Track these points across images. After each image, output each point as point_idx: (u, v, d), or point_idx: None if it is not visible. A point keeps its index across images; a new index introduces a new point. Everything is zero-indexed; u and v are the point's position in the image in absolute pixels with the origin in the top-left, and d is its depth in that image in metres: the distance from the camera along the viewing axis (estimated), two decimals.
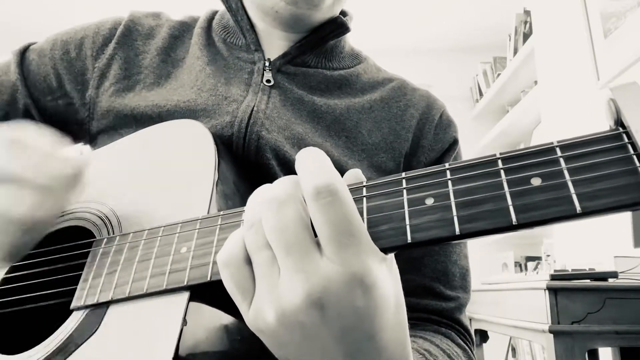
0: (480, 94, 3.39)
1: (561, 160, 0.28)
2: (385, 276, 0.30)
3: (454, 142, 0.64)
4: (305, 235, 0.29)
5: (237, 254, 0.31)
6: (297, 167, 0.30)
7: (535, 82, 2.57)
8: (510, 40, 2.97)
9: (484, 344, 1.93)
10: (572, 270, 1.33)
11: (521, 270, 2.89)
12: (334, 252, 0.28)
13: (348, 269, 0.28)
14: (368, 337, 0.29)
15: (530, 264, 2.73)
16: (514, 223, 0.28)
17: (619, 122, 0.29)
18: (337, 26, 0.62)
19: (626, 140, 0.28)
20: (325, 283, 0.28)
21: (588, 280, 1.27)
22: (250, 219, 0.31)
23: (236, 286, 0.31)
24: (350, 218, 0.28)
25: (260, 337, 0.32)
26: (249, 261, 0.31)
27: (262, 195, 0.31)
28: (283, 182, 0.31)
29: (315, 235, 0.29)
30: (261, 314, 0.30)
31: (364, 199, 0.32)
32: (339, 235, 0.28)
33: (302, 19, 0.60)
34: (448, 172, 0.31)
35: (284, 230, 0.29)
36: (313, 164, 0.30)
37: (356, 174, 0.34)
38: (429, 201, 0.30)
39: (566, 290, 1.23)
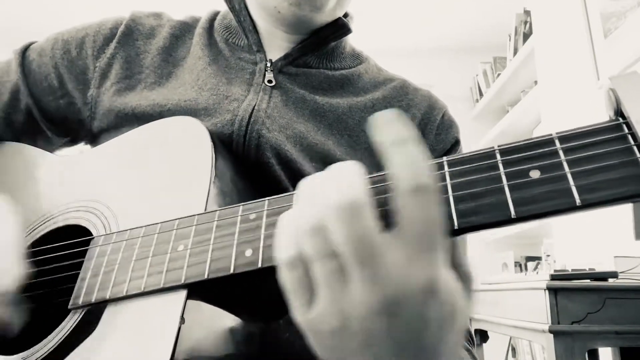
0: (480, 94, 3.39)
1: (560, 152, 0.28)
2: (458, 288, 0.29)
3: (456, 143, 0.64)
4: (380, 244, 0.28)
5: (307, 256, 0.29)
6: (394, 157, 0.28)
7: (535, 82, 2.57)
8: (510, 40, 2.97)
9: (484, 344, 1.93)
10: (572, 270, 1.33)
11: (521, 270, 2.88)
12: (416, 255, 0.27)
13: (426, 274, 0.27)
14: (426, 349, 0.29)
15: (530, 264, 2.72)
16: (512, 216, 0.27)
17: (619, 113, 0.28)
18: (339, 27, 0.63)
19: (626, 130, 0.27)
20: (401, 289, 0.27)
21: (588, 280, 1.27)
22: (316, 223, 0.29)
23: (300, 288, 0.30)
24: (439, 220, 0.27)
25: (309, 336, 0.31)
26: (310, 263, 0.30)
27: (329, 197, 0.28)
28: (353, 186, 0.28)
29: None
30: (325, 319, 0.29)
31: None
32: (426, 235, 0.27)
33: (304, 20, 0.60)
34: (446, 165, 0.31)
35: (362, 241, 0.27)
36: (416, 159, 0.28)
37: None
38: None
39: (566, 290, 1.23)
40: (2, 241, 0.43)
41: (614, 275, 1.29)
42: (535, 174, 0.28)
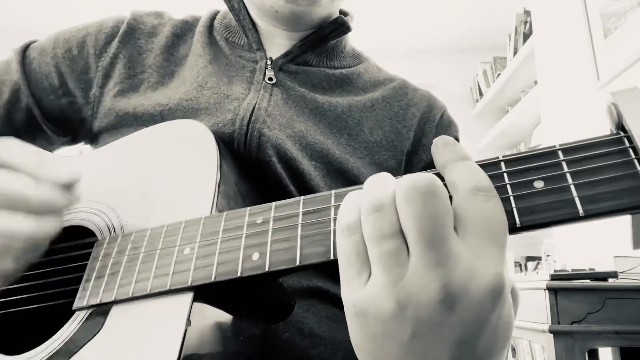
0: (480, 94, 3.39)
1: (563, 163, 0.29)
2: (512, 301, 0.29)
3: None
4: (451, 229, 0.27)
5: (368, 230, 0.28)
6: (454, 168, 0.29)
7: (535, 82, 2.57)
8: (510, 40, 2.97)
9: None
10: (572, 270, 1.33)
11: (521, 270, 2.89)
12: (482, 247, 0.26)
13: (494, 268, 0.26)
14: (478, 357, 0.27)
15: (530, 264, 2.72)
16: (517, 226, 0.28)
17: (620, 127, 0.29)
18: (338, 26, 0.63)
19: (627, 144, 0.28)
20: (466, 279, 0.26)
21: (588, 280, 1.27)
22: (378, 199, 0.28)
23: (357, 257, 0.28)
24: (504, 217, 0.27)
25: (351, 321, 0.29)
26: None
27: (400, 181, 0.28)
28: (424, 175, 0.28)
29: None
30: (377, 301, 0.27)
31: None
32: (491, 231, 0.27)
33: (302, 16, 0.60)
34: None
35: (433, 220, 0.26)
36: (476, 167, 0.28)
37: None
38: None
39: (566, 290, 1.23)
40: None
41: (614, 275, 1.29)
42: (539, 185, 0.29)
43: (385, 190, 0.28)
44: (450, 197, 0.28)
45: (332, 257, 0.32)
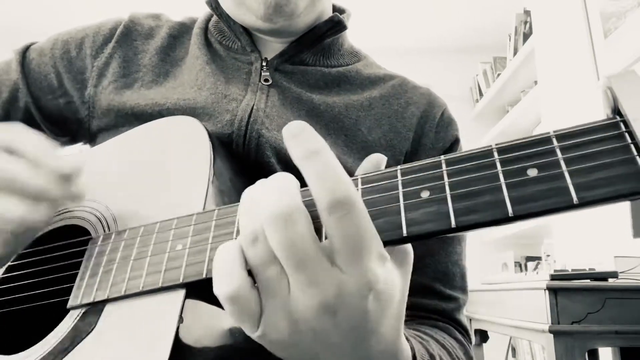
0: (480, 94, 3.39)
1: (557, 150, 0.28)
2: (395, 274, 0.31)
3: (456, 141, 0.64)
4: (316, 250, 0.28)
5: (243, 286, 0.29)
6: (307, 172, 0.28)
7: (535, 82, 2.57)
8: (510, 40, 2.97)
9: (484, 344, 1.93)
10: (572, 270, 1.33)
11: (521, 270, 2.88)
12: (348, 264, 0.28)
13: (360, 279, 0.28)
14: (373, 332, 0.30)
15: (530, 264, 2.72)
16: (510, 215, 0.27)
17: (616, 111, 0.28)
18: (334, 24, 0.62)
19: (623, 129, 0.27)
20: (338, 292, 0.28)
21: (588, 280, 1.27)
22: (253, 232, 0.29)
23: (247, 315, 0.30)
24: (364, 229, 0.28)
25: (267, 347, 0.32)
26: (253, 284, 0.30)
27: (264, 207, 0.29)
28: (285, 192, 0.29)
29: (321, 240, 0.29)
30: (273, 329, 0.30)
31: (359, 192, 0.32)
32: (352, 248, 0.28)
33: (282, 31, 0.60)
34: (443, 164, 0.30)
35: (293, 248, 0.28)
36: (327, 173, 0.27)
37: (378, 159, 0.34)
38: (425, 194, 0.30)
39: (566, 290, 1.23)
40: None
41: (614, 275, 1.29)
42: (532, 173, 0.28)
43: (256, 218, 0.29)
44: None
45: None
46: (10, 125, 0.43)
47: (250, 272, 0.30)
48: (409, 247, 0.32)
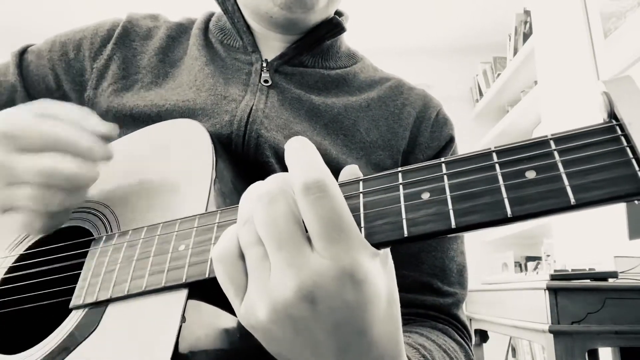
0: (480, 94, 3.40)
1: (555, 153, 0.29)
2: (378, 271, 0.30)
3: (451, 140, 0.65)
4: (296, 230, 0.29)
5: (231, 249, 0.31)
6: (286, 161, 0.30)
7: (535, 82, 2.57)
8: (510, 40, 2.97)
9: (484, 344, 1.93)
10: (572, 270, 1.33)
11: (521, 270, 2.89)
12: (324, 247, 0.28)
13: (338, 263, 0.28)
14: (359, 332, 0.30)
15: (530, 264, 2.73)
16: (509, 216, 0.28)
17: (612, 115, 0.29)
18: (333, 26, 0.63)
19: (619, 132, 0.28)
20: (316, 277, 0.28)
21: (588, 280, 1.27)
22: (244, 215, 0.31)
23: (230, 281, 0.31)
24: (339, 213, 0.28)
25: (253, 333, 0.32)
26: (242, 257, 0.31)
27: (255, 191, 0.31)
28: (274, 178, 0.31)
29: (307, 230, 0.29)
30: (253, 310, 0.30)
31: (361, 194, 0.32)
32: (329, 230, 0.28)
33: (297, 22, 0.60)
34: (443, 166, 0.31)
35: (274, 225, 0.29)
36: (302, 158, 0.30)
37: (353, 170, 0.34)
38: (425, 195, 0.30)
39: (566, 290, 1.23)
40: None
41: (614, 275, 1.29)
42: (531, 174, 0.28)
43: (247, 205, 0.31)
44: None
45: None
46: (39, 102, 0.46)
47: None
48: (385, 251, 0.32)
